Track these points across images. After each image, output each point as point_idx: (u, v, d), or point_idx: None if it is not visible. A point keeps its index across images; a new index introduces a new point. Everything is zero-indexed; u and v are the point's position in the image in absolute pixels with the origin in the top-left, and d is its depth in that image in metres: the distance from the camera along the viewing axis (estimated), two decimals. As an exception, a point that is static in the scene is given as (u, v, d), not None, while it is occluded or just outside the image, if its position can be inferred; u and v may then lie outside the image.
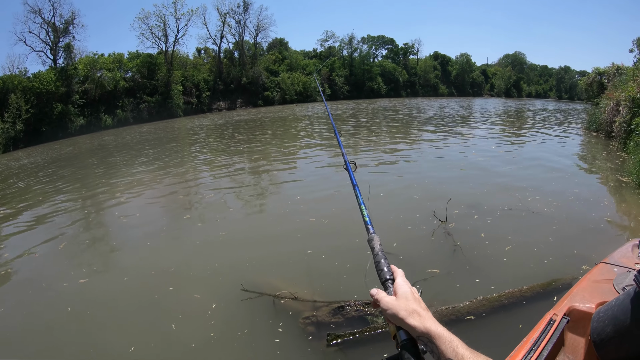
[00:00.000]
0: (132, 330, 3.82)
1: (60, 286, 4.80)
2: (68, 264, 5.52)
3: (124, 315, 4.10)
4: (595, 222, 5.52)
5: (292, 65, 51.86)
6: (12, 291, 4.85)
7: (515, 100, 55.23)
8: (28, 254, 5.98)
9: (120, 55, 41.17)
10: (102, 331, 3.84)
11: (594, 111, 15.91)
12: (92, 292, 4.65)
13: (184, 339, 3.59)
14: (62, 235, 6.69)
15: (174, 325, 3.78)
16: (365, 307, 3.61)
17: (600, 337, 1.50)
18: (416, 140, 15.10)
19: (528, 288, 3.79)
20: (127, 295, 4.50)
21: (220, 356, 3.38)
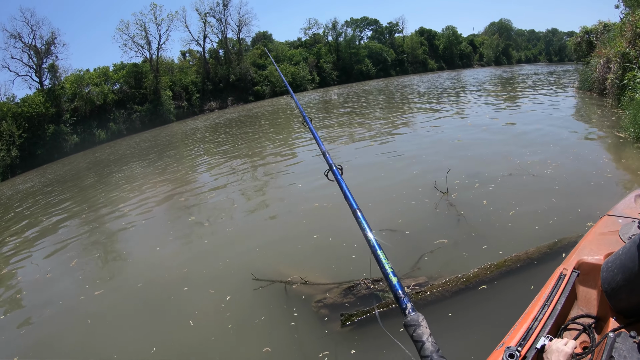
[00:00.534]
0: (151, 333, 3.89)
1: (77, 301, 4.88)
2: (82, 279, 5.59)
3: (142, 320, 4.18)
4: (596, 179, 5.53)
5: (279, 57, 51.54)
6: (31, 312, 4.90)
7: (505, 68, 54.91)
8: (42, 275, 6.03)
9: (105, 69, 41.09)
10: (122, 338, 3.92)
11: (585, 70, 15.79)
12: (108, 301, 4.73)
13: (203, 333, 3.67)
14: (72, 252, 6.74)
15: (192, 322, 3.86)
16: (375, 284, 3.66)
17: (611, 286, 1.55)
18: (411, 116, 15.07)
19: (535, 249, 3.81)
20: (143, 300, 4.57)
21: (240, 345, 3.45)
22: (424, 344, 0.69)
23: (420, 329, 0.72)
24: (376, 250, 0.82)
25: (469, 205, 5.28)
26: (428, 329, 0.73)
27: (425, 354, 0.67)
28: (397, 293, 0.79)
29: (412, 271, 3.82)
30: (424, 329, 0.72)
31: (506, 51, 75.36)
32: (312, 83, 50.87)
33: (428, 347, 0.68)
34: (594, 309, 1.83)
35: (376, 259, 0.80)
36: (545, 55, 79.81)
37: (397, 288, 0.79)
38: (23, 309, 5.10)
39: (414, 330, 0.72)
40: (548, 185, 5.51)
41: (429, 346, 0.68)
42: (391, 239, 4.70)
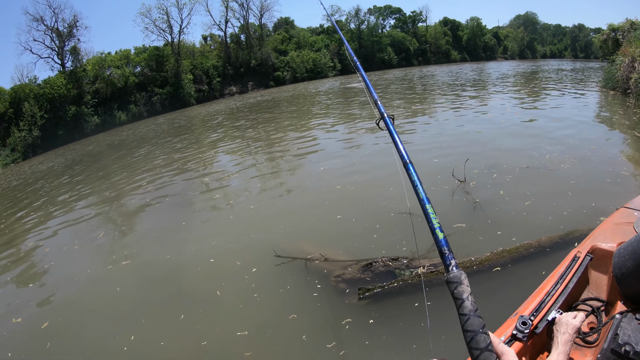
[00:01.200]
0: (179, 302, 4.14)
1: (105, 270, 5.18)
2: (109, 250, 5.89)
3: (169, 290, 4.43)
4: (612, 176, 5.57)
5: (300, 43, 51.15)
6: (59, 283, 5.17)
7: (529, 62, 53.60)
8: (68, 248, 6.32)
9: (127, 52, 41.21)
10: (151, 305, 4.20)
11: (610, 69, 15.43)
12: (136, 271, 5.01)
13: (230, 301, 3.94)
14: (99, 227, 7.06)
15: (219, 292, 4.14)
16: (392, 262, 3.88)
17: (622, 272, 1.66)
18: (432, 106, 15.05)
19: (547, 238, 3.95)
20: (170, 271, 4.83)
21: (267, 312, 3.71)
22: (463, 302, 0.70)
23: (462, 287, 0.72)
24: (425, 204, 0.85)
25: (487, 194, 5.43)
26: (469, 288, 0.73)
27: (464, 312, 0.69)
28: (443, 249, 0.79)
29: (428, 252, 4.01)
30: (465, 287, 0.72)
31: (531, 45, 73.39)
32: (333, 70, 50.42)
33: (467, 306, 0.69)
34: (604, 293, 1.93)
35: (424, 213, 0.83)
36: (571, 51, 77.34)
37: (443, 244, 0.79)
38: (52, 277, 5.41)
39: (455, 288, 0.73)
40: (565, 179, 5.59)
41: (468, 304, 0.69)
42: (410, 222, 4.86)
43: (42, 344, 3.79)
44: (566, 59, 66.26)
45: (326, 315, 3.51)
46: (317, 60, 48.98)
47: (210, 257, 4.90)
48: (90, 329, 3.97)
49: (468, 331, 0.67)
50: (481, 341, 0.65)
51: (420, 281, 3.57)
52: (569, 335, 1.56)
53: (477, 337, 0.65)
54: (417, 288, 3.55)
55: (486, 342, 0.65)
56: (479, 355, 0.63)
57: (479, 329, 0.66)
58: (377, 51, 55.40)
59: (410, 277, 3.64)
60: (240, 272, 4.43)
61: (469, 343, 0.66)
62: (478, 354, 0.64)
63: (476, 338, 0.65)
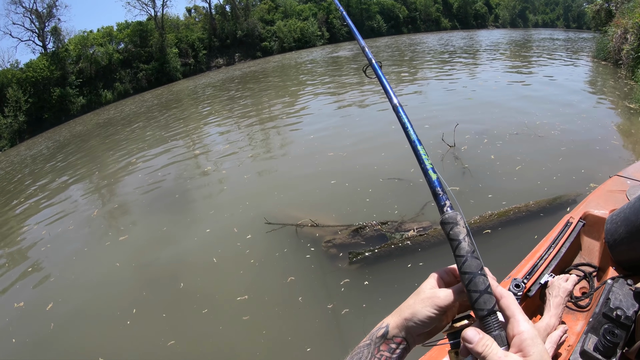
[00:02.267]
0: (177, 272, 4.17)
1: (103, 247, 5.16)
2: (104, 228, 5.85)
3: (167, 259, 4.46)
4: (601, 144, 5.61)
5: (287, 12, 49.83)
6: (58, 264, 5.11)
7: (521, 31, 53.00)
8: (63, 229, 6.25)
9: (109, 28, 39.72)
10: (150, 277, 4.22)
11: (602, 39, 15.34)
12: (133, 245, 5.01)
13: (228, 269, 3.99)
14: (92, 206, 6.97)
15: (215, 259, 4.17)
16: (382, 226, 3.87)
17: (614, 238, 1.66)
18: (422, 74, 14.87)
19: (534, 203, 3.99)
20: (167, 242, 4.85)
21: (265, 276, 3.76)
22: (460, 243, 0.64)
23: (458, 227, 0.66)
24: (416, 146, 0.78)
25: (477, 158, 5.46)
26: (465, 229, 0.66)
27: (461, 253, 0.63)
28: (436, 190, 0.73)
29: (417, 216, 4.01)
30: (461, 227, 0.66)
31: (523, 14, 72.46)
32: (322, 39, 49.38)
33: (464, 247, 0.63)
34: (596, 259, 1.94)
35: (416, 155, 0.75)
36: (563, 21, 76.51)
37: (436, 185, 0.73)
38: (50, 258, 5.33)
39: (451, 229, 0.66)
40: (554, 146, 5.61)
41: (465, 246, 0.64)
42: (399, 186, 4.92)
43: (46, 326, 3.77)
44: (558, 29, 65.70)
45: (320, 279, 3.55)
46: (305, 29, 47.85)
47: (206, 228, 4.92)
48: (93, 305, 3.98)
49: (466, 273, 0.61)
50: (480, 283, 0.60)
51: (410, 244, 3.58)
52: (561, 298, 1.58)
53: (476, 279, 0.60)
54: (407, 251, 3.56)
55: (485, 285, 0.60)
56: (478, 297, 0.59)
57: (477, 270, 0.61)
58: (365, 19, 54.21)
59: (400, 240, 3.64)
60: (235, 239, 4.45)
61: (467, 286, 0.61)
62: (477, 296, 0.59)
63: (475, 280, 0.60)
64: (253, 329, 3.14)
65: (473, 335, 0.55)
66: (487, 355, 0.53)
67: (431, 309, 0.63)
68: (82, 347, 3.39)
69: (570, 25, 73.56)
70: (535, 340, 0.53)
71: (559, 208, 3.91)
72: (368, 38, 50.31)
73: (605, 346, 1.23)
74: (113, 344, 3.33)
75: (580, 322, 1.67)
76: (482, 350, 0.54)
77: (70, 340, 3.53)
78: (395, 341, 0.66)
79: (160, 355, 3.07)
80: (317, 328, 3.02)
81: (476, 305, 0.59)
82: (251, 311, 3.31)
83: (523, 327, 0.54)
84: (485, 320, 0.58)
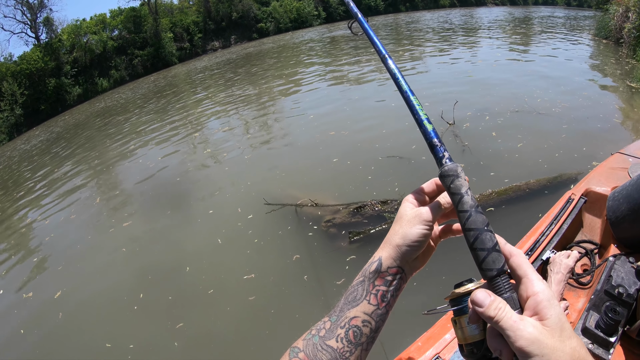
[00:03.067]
0: (181, 255, 4.19)
1: (107, 233, 5.17)
2: (107, 215, 5.83)
3: (173, 244, 4.46)
4: (603, 122, 5.57)
5: (283, -8, 48.89)
6: (64, 251, 5.09)
7: (521, 8, 52.16)
8: (65, 218, 6.22)
9: (102, 16, 39.07)
10: (156, 261, 4.22)
11: (603, 18, 15.15)
12: (138, 230, 5.01)
13: (233, 250, 4.01)
14: (93, 194, 6.96)
15: (220, 239, 4.19)
16: (382, 206, 3.84)
17: (616, 215, 1.63)
18: (421, 52, 14.63)
19: (535, 181, 3.98)
20: (172, 226, 4.86)
21: (270, 255, 3.78)
22: (462, 197, 0.59)
23: (459, 180, 0.61)
24: (409, 96, 0.70)
25: (478, 136, 5.43)
26: (467, 181, 0.61)
27: (464, 208, 0.58)
28: (433, 141, 0.66)
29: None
30: (463, 180, 0.61)
31: (523, -9, 71.44)
32: (318, 19, 48.55)
33: (467, 201, 0.58)
34: (598, 236, 1.92)
35: (409, 106, 0.67)
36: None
37: (433, 136, 0.66)
38: (54, 248, 5.31)
39: (452, 182, 0.61)
40: (556, 123, 5.57)
41: (468, 199, 0.58)
42: (400, 164, 4.91)
43: (55, 315, 3.77)
44: (559, 6, 64.72)
45: (325, 257, 3.57)
46: (301, 9, 46.99)
47: (209, 209, 4.96)
48: (100, 292, 3.98)
49: (470, 230, 0.55)
50: (487, 240, 0.54)
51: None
52: (562, 275, 1.57)
53: (482, 236, 0.54)
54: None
55: (493, 242, 0.54)
56: (486, 256, 0.53)
57: (483, 226, 0.55)
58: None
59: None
60: (238, 219, 4.47)
61: (472, 244, 0.55)
62: (485, 255, 0.53)
63: (481, 237, 0.54)
64: (260, 309, 3.17)
65: (483, 298, 0.50)
66: (500, 320, 0.48)
67: (420, 225, 0.62)
68: (92, 334, 3.40)
69: (570, 3, 72.33)
70: (551, 301, 0.48)
71: (561, 186, 3.89)
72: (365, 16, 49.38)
73: (606, 324, 1.21)
74: (121, 329, 3.34)
75: (582, 299, 1.65)
76: (495, 314, 0.48)
77: (78, 328, 3.54)
78: (390, 272, 0.63)
79: (170, 338, 3.09)
80: (322, 305, 3.04)
81: (484, 265, 0.53)
82: (257, 291, 3.33)
83: (538, 288, 0.49)
84: (495, 282, 0.53)
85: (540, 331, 0.46)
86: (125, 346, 3.11)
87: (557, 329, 0.46)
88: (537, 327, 0.46)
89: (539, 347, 0.44)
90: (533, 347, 0.45)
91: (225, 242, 4.13)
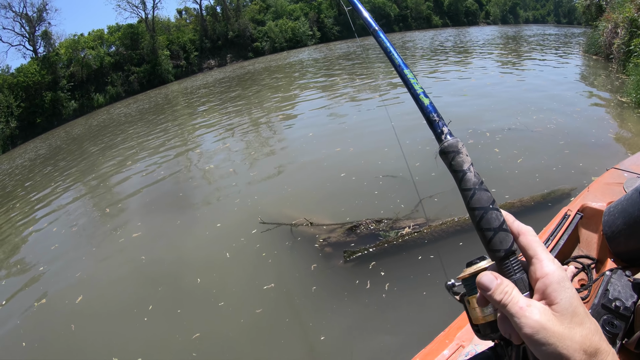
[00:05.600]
0: (192, 264, 4.24)
1: (114, 245, 5.16)
2: (111, 227, 5.81)
3: (183, 254, 4.49)
4: (597, 138, 5.63)
5: (278, 12, 49.86)
6: (72, 262, 5.02)
7: (512, 27, 53.32)
8: (69, 227, 6.27)
9: (100, 32, 39.97)
10: (166, 272, 4.24)
11: (593, 34, 15.46)
12: (148, 242, 5.03)
13: (241, 263, 4.05)
14: (96, 206, 7.00)
15: (228, 254, 4.22)
16: (377, 225, 3.83)
17: (612, 229, 1.64)
18: (415, 71, 14.85)
19: (529, 198, 3.99)
20: (179, 237, 4.91)
21: (280, 269, 3.80)
22: (465, 174, 0.55)
23: (461, 156, 0.58)
24: (402, 70, 0.70)
25: (477, 152, 5.48)
26: (469, 157, 0.58)
27: (467, 186, 0.54)
28: (431, 116, 0.63)
29: (412, 213, 3.97)
30: (465, 156, 0.58)
31: (513, 10, 72.97)
32: (313, 38, 49.46)
33: (470, 178, 0.55)
34: (594, 251, 1.92)
35: (403, 80, 0.69)
36: (554, 17, 77.18)
37: (431, 110, 0.63)
38: (61, 259, 5.23)
39: (453, 158, 0.58)
40: (551, 140, 5.63)
41: (471, 177, 0.55)
42: (394, 183, 4.92)
43: (66, 326, 3.72)
44: (549, 24, 66.21)
45: (332, 272, 3.58)
46: (296, 29, 47.96)
47: (217, 222, 5.01)
48: (113, 299, 3.97)
49: (475, 209, 0.52)
50: (493, 219, 0.51)
51: (405, 241, 3.54)
52: None
53: (488, 215, 0.51)
54: (402, 248, 3.52)
55: (499, 220, 0.51)
56: (493, 236, 0.50)
57: (489, 204, 0.52)
58: (357, 18, 54.17)
59: (394, 238, 3.59)
60: (244, 234, 4.50)
61: (478, 223, 0.52)
62: (491, 235, 0.50)
63: (486, 216, 0.51)
64: (273, 320, 3.18)
65: (489, 281, 0.48)
66: (507, 304, 0.45)
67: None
68: (106, 345, 3.34)
69: (561, 20, 74.10)
70: (563, 283, 0.45)
71: (555, 202, 3.90)
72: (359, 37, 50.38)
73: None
74: (134, 341, 3.31)
75: None
76: (501, 298, 0.46)
77: (89, 340, 3.47)
78: None
79: (183, 350, 3.08)
80: (330, 318, 3.04)
81: (491, 245, 0.51)
82: (269, 305, 3.33)
83: (548, 269, 0.46)
84: (503, 263, 0.50)
85: (548, 318, 0.43)
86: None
87: (568, 314, 0.44)
88: (545, 313, 0.44)
89: (546, 335, 0.42)
90: (539, 335, 0.42)
91: (233, 258, 4.17)
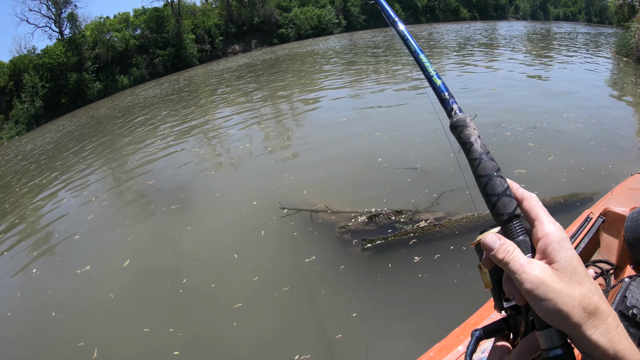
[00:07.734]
0: (211, 250, 4.31)
1: (125, 239, 5.10)
2: (127, 217, 5.80)
3: (203, 239, 4.57)
4: (625, 141, 5.57)
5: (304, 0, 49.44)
6: (86, 255, 4.97)
7: (541, 24, 51.75)
8: (91, 201, 6.58)
9: (126, 14, 40.08)
10: (182, 258, 4.28)
11: (624, 35, 14.99)
12: (164, 225, 5.14)
13: (264, 247, 4.13)
14: (111, 195, 6.98)
15: (238, 251, 4.22)
16: (396, 216, 3.90)
17: (633, 236, 1.63)
18: (441, 64, 14.64)
19: (550, 199, 3.98)
20: (201, 223, 4.98)
21: (285, 257, 3.87)
22: (472, 145, 0.61)
23: (468, 129, 0.63)
24: (418, 54, 0.77)
25: (503, 150, 5.44)
26: (476, 130, 0.63)
27: (474, 156, 0.59)
28: (442, 94, 0.70)
29: (432, 206, 4.02)
30: (472, 129, 0.63)
31: (544, 6, 70.78)
32: (338, 27, 48.88)
33: (476, 149, 0.60)
34: (614, 257, 1.92)
35: (418, 64, 0.75)
36: (585, 15, 74.58)
37: (443, 89, 0.71)
38: (77, 250, 5.14)
39: (461, 132, 0.63)
40: (581, 141, 5.58)
41: (478, 147, 0.60)
42: (415, 176, 4.95)
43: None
44: (579, 23, 64.08)
45: (344, 258, 3.66)
46: (322, 16, 47.38)
47: (243, 208, 5.07)
48: (121, 298, 3.91)
49: (481, 176, 0.58)
50: (497, 185, 0.56)
51: (424, 234, 3.60)
52: None
53: (493, 182, 0.56)
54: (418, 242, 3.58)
55: (503, 186, 0.55)
56: (497, 201, 0.55)
57: (493, 172, 0.57)
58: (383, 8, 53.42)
59: (412, 230, 3.66)
60: (257, 224, 4.54)
61: (484, 189, 0.57)
62: (495, 200, 0.55)
63: (491, 183, 0.56)
64: (293, 318, 3.23)
65: (492, 242, 0.50)
66: (508, 262, 0.47)
67: None
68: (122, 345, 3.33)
69: (591, 19, 71.51)
70: (562, 243, 0.47)
71: (574, 205, 3.88)
72: (386, 27, 49.51)
73: None
74: (150, 342, 3.27)
75: None
76: (503, 257, 0.48)
77: (111, 339, 3.41)
78: None
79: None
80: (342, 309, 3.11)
81: (495, 209, 0.55)
82: (285, 302, 3.36)
83: (548, 229, 0.48)
84: (508, 226, 0.53)
85: (548, 275, 0.45)
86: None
87: (567, 272, 0.45)
88: (544, 270, 0.45)
89: (545, 291, 0.44)
90: (539, 291, 0.44)
91: (256, 244, 4.22)
